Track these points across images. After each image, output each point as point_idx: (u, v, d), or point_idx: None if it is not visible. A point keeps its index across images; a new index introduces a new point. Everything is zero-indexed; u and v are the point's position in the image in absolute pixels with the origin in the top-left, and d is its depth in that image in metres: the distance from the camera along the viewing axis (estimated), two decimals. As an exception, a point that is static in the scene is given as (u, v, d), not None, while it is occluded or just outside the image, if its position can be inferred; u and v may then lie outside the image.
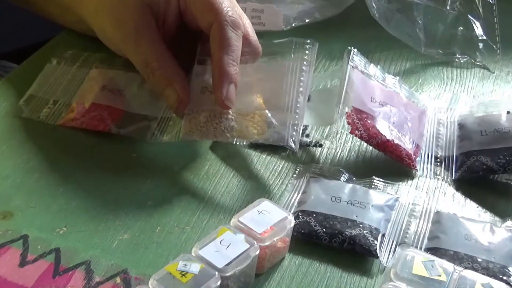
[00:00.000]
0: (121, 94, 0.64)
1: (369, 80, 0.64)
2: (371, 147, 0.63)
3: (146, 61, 0.59)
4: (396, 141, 0.60)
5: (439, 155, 0.62)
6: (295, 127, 0.59)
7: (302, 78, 0.61)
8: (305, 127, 0.64)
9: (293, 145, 0.58)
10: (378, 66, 0.66)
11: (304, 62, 0.62)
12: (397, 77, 0.67)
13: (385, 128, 0.61)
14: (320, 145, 0.63)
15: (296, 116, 0.59)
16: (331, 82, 0.70)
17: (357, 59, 0.64)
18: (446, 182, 0.60)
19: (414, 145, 0.62)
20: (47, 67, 0.69)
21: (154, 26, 0.60)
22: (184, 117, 0.59)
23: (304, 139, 0.63)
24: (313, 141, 0.63)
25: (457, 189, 0.59)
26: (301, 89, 0.60)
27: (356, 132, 0.60)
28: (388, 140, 0.60)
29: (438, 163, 0.62)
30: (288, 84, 0.61)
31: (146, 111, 0.63)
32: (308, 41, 0.63)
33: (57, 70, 0.68)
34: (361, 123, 0.60)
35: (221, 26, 0.58)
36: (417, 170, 0.61)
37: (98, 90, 0.64)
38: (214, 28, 0.58)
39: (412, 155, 0.61)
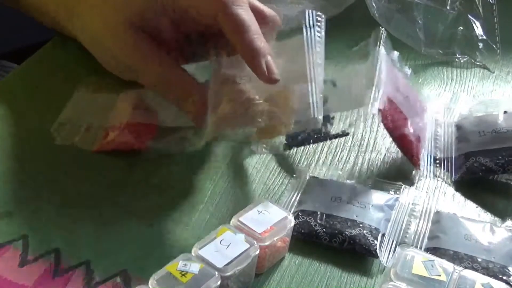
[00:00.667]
0: (153, 111, 0.63)
1: (394, 68, 0.63)
2: (370, 147, 0.63)
3: (158, 81, 0.59)
4: (411, 138, 0.60)
5: (438, 156, 0.62)
6: (317, 100, 0.56)
7: (318, 49, 0.59)
8: (328, 116, 0.62)
9: (320, 116, 0.56)
10: (398, 54, 0.65)
11: (318, 34, 0.60)
12: (409, 70, 0.66)
13: (406, 122, 0.60)
14: (347, 134, 0.62)
15: (317, 89, 0.57)
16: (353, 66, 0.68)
17: (385, 43, 0.63)
18: (445, 182, 0.60)
19: (420, 143, 0.61)
20: (76, 95, 0.66)
21: (155, 46, 0.59)
22: (209, 114, 0.57)
23: (328, 128, 0.61)
24: (339, 131, 0.62)
25: (457, 189, 0.59)
26: (318, 60, 0.58)
27: (386, 121, 0.58)
28: (406, 135, 0.59)
29: (437, 165, 0.61)
30: (307, 57, 0.58)
31: (180, 123, 0.62)
32: (318, 13, 0.61)
33: (86, 97, 0.66)
34: (390, 113, 0.59)
35: (226, 11, 0.56)
36: (419, 170, 0.60)
37: (130, 111, 0.63)
38: (220, 17, 0.57)
39: (419, 154, 0.61)
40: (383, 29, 0.63)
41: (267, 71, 0.54)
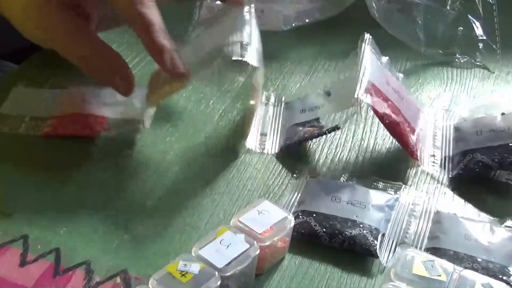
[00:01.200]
0: (104, 104, 0.65)
1: (384, 68, 0.64)
2: (370, 147, 0.63)
3: (84, 57, 0.59)
4: (404, 127, 0.60)
5: (436, 155, 0.62)
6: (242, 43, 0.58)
7: (245, 26, 0.61)
8: (318, 119, 0.63)
9: (237, 52, 0.57)
10: (387, 58, 0.66)
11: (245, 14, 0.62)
12: (401, 75, 0.67)
13: (397, 111, 0.60)
14: (338, 128, 0.61)
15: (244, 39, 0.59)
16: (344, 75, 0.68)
17: (372, 46, 0.63)
18: (445, 182, 0.60)
19: (416, 138, 0.61)
20: (15, 90, 0.67)
21: (81, 23, 0.59)
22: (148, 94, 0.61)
23: (318, 127, 0.62)
24: (330, 127, 0.62)
25: (457, 189, 0.59)
26: (240, 31, 0.60)
27: (373, 105, 0.58)
28: (398, 124, 0.59)
29: (436, 163, 0.61)
30: (229, 31, 0.60)
31: (130, 116, 0.64)
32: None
33: (27, 91, 0.67)
34: (376, 98, 0.59)
35: (131, 10, 0.56)
36: (418, 160, 0.60)
37: (78, 102, 0.65)
38: (126, 15, 0.57)
39: (417, 146, 0.61)
40: (368, 35, 0.64)
41: (172, 66, 0.56)
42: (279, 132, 0.64)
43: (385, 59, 0.65)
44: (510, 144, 0.59)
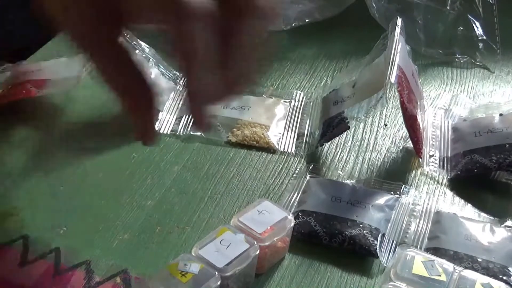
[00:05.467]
0: (41, 69, 0.67)
1: (409, 58, 0.63)
2: (370, 147, 0.63)
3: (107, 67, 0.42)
4: (419, 123, 0.60)
5: (435, 156, 0.62)
6: None
7: None
8: (343, 111, 0.61)
9: None
10: (409, 48, 0.65)
11: None
12: (416, 67, 0.66)
13: (416, 105, 0.60)
14: (348, 127, 0.61)
15: None
16: (357, 73, 0.67)
17: (402, 31, 0.62)
18: (445, 182, 0.60)
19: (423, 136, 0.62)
20: None
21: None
22: None
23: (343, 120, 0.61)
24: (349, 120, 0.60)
25: (457, 189, 0.59)
26: None
27: (403, 92, 0.57)
28: (416, 118, 0.59)
29: (435, 164, 0.61)
30: None
31: (69, 74, 0.66)
32: None
33: None
34: (405, 85, 0.58)
35: (177, 25, 0.39)
36: (421, 159, 0.60)
37: (21, 73, 0.67)
38: (168, 29, 0.40)
39: (422, 144, 0.61)
40: (400, 18, 0.63)
41: (198, 121, 0.42)
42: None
43: (408, 48, 0.64)
44: (508, 145, 0.59)
